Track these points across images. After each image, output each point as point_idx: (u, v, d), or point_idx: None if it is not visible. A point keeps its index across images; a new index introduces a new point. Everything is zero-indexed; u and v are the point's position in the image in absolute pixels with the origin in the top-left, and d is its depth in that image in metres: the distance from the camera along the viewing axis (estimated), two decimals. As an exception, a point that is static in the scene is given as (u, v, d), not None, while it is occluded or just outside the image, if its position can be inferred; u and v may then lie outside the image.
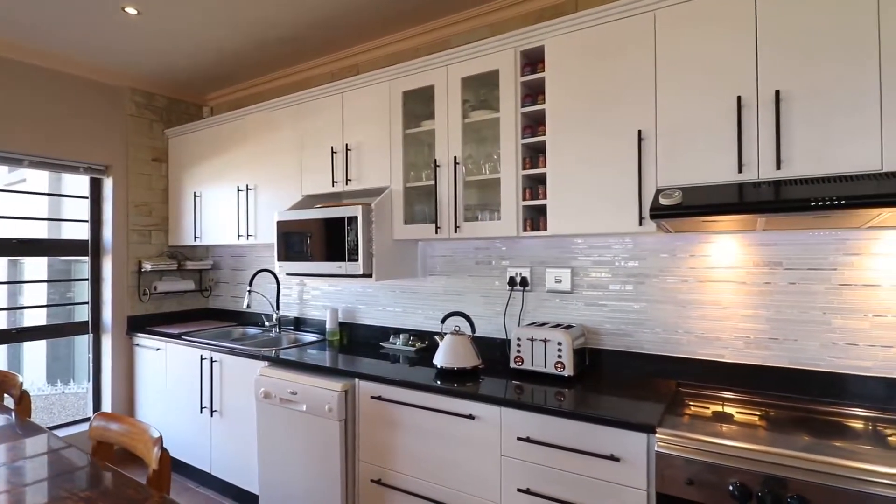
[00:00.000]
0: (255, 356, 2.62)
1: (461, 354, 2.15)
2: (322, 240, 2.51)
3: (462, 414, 1.89)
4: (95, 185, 3.42)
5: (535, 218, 2.12)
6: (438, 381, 2.01)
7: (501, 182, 2.12)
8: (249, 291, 3.16)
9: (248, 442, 2.69)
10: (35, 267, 4.38)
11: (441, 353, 2.18)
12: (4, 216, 3.04)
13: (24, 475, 1.40)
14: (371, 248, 2.39)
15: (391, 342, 2.73)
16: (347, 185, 2.62)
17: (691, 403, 1.75)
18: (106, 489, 1.32)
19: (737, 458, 1.37)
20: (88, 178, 3.38)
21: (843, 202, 1.33)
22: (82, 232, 3.40)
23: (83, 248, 3.38)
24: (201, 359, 2.91)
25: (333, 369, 2.30)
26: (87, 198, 3.40)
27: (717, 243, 1.97)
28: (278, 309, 3.31)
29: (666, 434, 1.48)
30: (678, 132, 1.73)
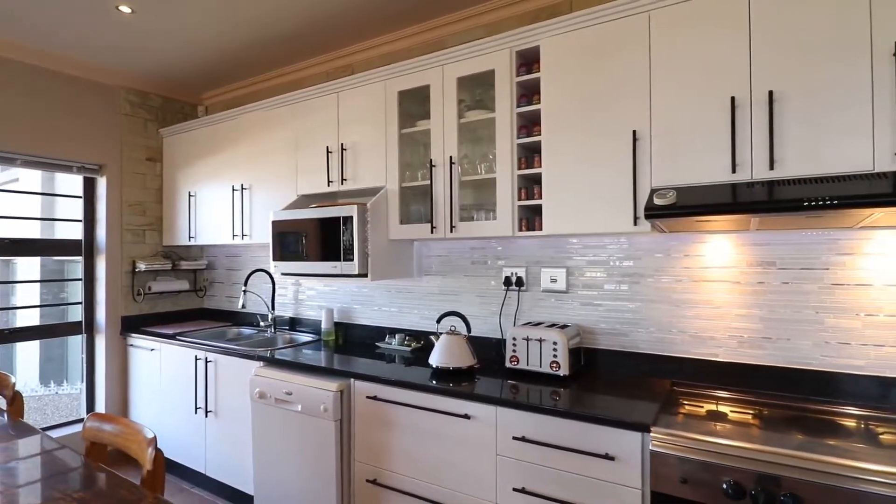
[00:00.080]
0: (251, 356, 2.61)
1: (457, 354, 2.15)
2: (317, 240, 2.51)
3: (458, 414, 1.90)
4: (89, 184, 3.40)
5: (531, 218, 2.12)
6: (434, 381, 2.01)
7: (497, 182, 2.12)
8: (244, 291, 3.15)
9: (242, 442, 2.68)
10: (28, 267, 4.35)
11: (437, 352, 2.18)
12: (-3, 216, 3.02)
13: (17, 476, 1.39)
14: (366, 248, 2.39)
15: (387, 342, 2.73)
16: (343, 184, 2.61)
17: (685, 402, 1.76)
18: (99, 490, 1.32)
19: (731, 457, 1.38)
20: (82, 177, 3.36)
21: (835, 202, 1.34)
22: (76, 232, 3.38)
23: (77, 248, 3.36)
24: (196, 359, 2.90)
25: (329, 369, 2.29)
26: (80, 197, 3.38)
27: (711, 243, 1.98)
28: (273, 309, 3.30)
29: (660, 433, 1.49)
30: (673, 132, 1.74)
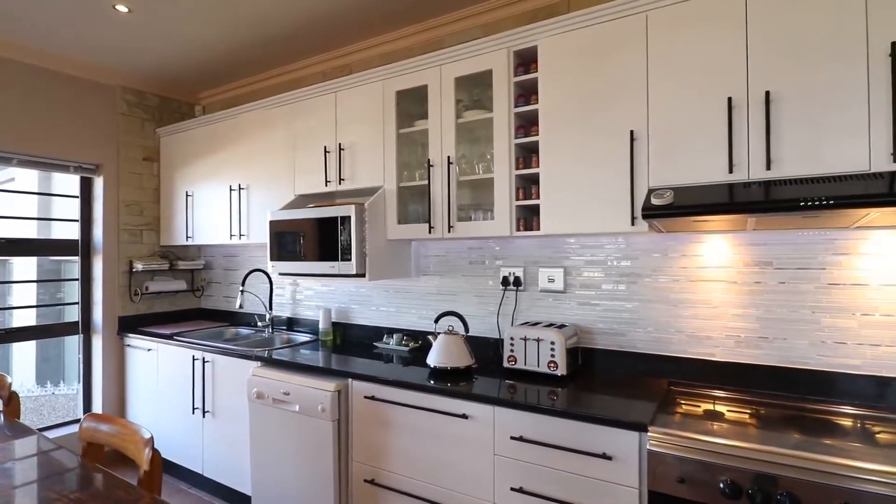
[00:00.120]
0: (248, 356, 2.61)
1: (454, 354, 2.15)
2: (315, 239, 2.51)
3: (455, 413, 1.90)
4: (86, 184, 3.39)
5: (529, 218, 2.12)
6: (432, 381, 2.01)
7: (495, 182, 2.12)
8: (242, 291, 3.14)
9: (240, 443, 2.68)
10: (24, 267, 4.34)
11: (434, 352, 2.18)
12: (-7, 216, 3.01)
13: (14, 477, 1.39)
14: (364, 248, 2.39)
15: (384, 342, 2.73)
16: (341, 184, 2.61)
17: (683, 402, 1.76)
18: (96, 491, 1.31)
19: (727, 456, 1.39)
20: (79, 177, 3.35)
21: (831, 202, 1.35)
22: (72, 232, 3.37)
23: (73, 248, 3.35)
24: (193, 359, 2.89)
25: (326, 369, 2.29)
26: (77, 197, 3.37)
27: (708, 243, 1.98)
28: (271, 309, 3.30)
29: (658, 432, 1.49)
30: (670, 133, 1.74)
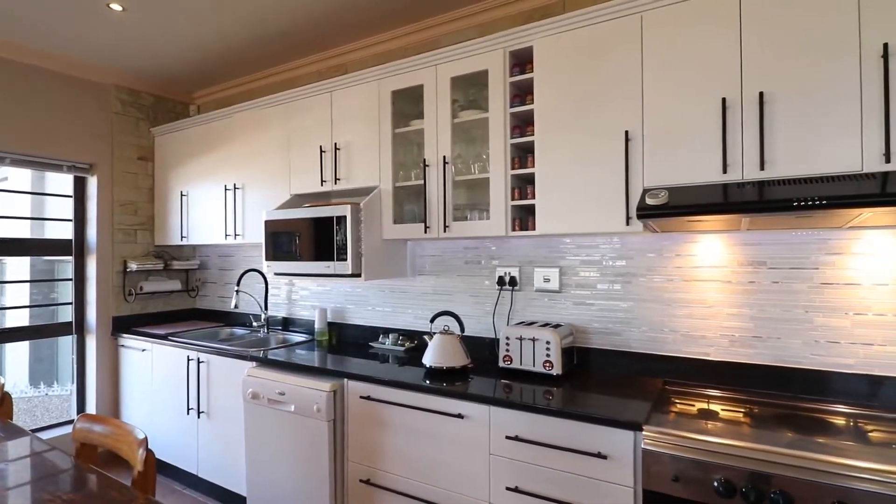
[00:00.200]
0: (243, 356, 2.60)
1: (450, 354, 2.15)
2: (311, 239, 2.50)
3: (451, 413, 1.90)
4: (79, 183, 3.37)
5: (524, 218, 2.13)
6: (427, 381, 2.01)
7: (490, 182, 2.13)
8: (237, 291, 3.13)
9: (235, 443, 2.67)
10: (17, 267, 4.31)
11: (430, 352, 2.18)
12: (-15, 215, 2.98)
13: (7, 478, 1.38)
14: (360, 248, 2.39)
15: (380, 342, 2.73)
16: (336, 184, 2.61)
17: (677, 401, 1.77)
18: (90, 491, 1.31)
19: (722, 455, 1.39)
20: (72, 176, 3.33)
21: (824, 202, 1.36)
22: (66, 231, 3.34)
23: (67, 248, 3.33)
24: (188, 359, 2.88)
25: (322, 369, 2.29)
26: (70, 196, 3.35)
27: (702, 243, 1.99)
28: (266, 309, 3.29)
29: (652, 431, 1.50)
30: (665, 133, 1.75)
